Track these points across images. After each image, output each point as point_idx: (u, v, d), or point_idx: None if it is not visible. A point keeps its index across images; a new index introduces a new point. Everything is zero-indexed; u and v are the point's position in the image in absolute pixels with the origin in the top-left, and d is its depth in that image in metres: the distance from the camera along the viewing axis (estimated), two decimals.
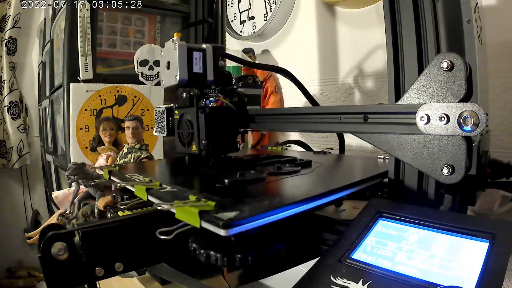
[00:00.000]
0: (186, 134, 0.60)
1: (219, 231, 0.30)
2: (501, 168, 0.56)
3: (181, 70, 0.54)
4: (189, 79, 0.54)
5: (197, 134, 0.58)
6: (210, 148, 0.57)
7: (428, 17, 0.44)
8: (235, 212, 0.32)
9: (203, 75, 0.56)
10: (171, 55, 0.55)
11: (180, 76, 0.53)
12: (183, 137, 0.62)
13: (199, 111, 0.57)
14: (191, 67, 0.55)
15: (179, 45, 0.53)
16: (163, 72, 0.58)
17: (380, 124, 0.44)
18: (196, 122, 0.57)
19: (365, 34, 1.11)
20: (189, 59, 0.54)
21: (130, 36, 1.28)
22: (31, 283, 2.03)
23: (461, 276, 0.27)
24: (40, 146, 2.21)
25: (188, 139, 0.60)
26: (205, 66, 0.56)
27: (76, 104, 1.12)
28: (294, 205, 0.36)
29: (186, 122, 0.60)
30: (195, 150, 0.59)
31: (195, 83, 0.57)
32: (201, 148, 0.57)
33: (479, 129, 0.35)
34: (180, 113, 0.62)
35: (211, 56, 0.57)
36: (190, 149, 0.60)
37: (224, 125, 0.59)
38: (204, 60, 0.56)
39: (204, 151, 0.57)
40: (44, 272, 0.34)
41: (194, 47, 0.55)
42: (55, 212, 1.08)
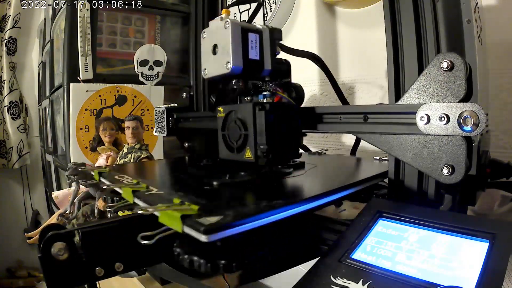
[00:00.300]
0: (237, 136, 0.48)
1: (200, 236, 0.29)
2: (501, 168, 0.56)
3: (235, 55, 0.43)
4: (245, 68, 0.44)
5: (254, 137, 0.46)
6: (272, 154, 0.45)
7: (428, 17, 0.44)
8: (218, 216, 0.31)
9: (260, 63, 0.46)
10: (221, 36, 0.45)
11: (234, 63, 0.43)
12: (231, 140, 0.49)
13: (256, 107, 0.45)
14: (246, 53, 0.44)
15: (231, 24, 0.43)
16: (207, 59, 0.48)
17: (380, 124, 0.44)
18: (252, 121, 0.46)
19: (365, 34, 1.11)
20: (244, 42, 0.44)
21: (130, 36, 1.28)
22: (31, 283, 2.03)
23: (461, 276, 0.27)
24: (40, 146, 2.21)
25: (238, 143, 0.48)
26: (262, 52, 0.46)
27: (76, 104, 1.12)
28: (281, 209, 0.35)
29: (237, 121, 0.48)
30: (249, 157, 0.47)
31: (251, 73, 0.47)
32: (258, 154, 0.45)
33: (479, 129, 0.35)
34: (227, 111, 0.50)
35: (268, 40, 0.46)
36: (242, 155, 0.48)
37: (289, 126, 0.48)
38: (261, 44, 0.46)
39: (262, 158, 0.45)
40: (44, 272, 0.33)
41: (249, 27, 0.45)
42: (55, 212, 1.08)
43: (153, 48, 1.14)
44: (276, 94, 0.51)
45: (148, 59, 1.14)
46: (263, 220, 0.33)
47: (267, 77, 0.50)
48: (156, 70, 1.15)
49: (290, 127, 0.48)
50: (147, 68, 1.14)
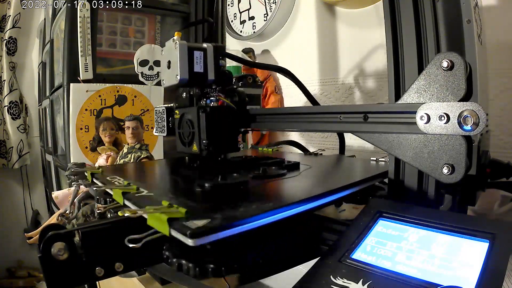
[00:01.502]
0: (187, 133, 0.60)
1: (187, 240, 0.29)
2: (501, 168, 0.56)
3: (182, 69, 0.53)
4: (190, 79, 0.54)
5: (198, 134, 0.57)
6: (211, 147, 0.57)
7: (428, 17, 0.44)
8: (206, 220, 0.31)
9: (204, 75, 0.56)
10: (172, 54, 0.55)
11: (181, 75, 0.53)
12: (183, 136, 0.61)
13: (200, 110, 0.57)
14: (192, 67, 0.55)
15: (179, 44, 0.53)
16: (164, 72, 0.58)
17: (380, 123, 0.44)
18: (197, 121, 0.57)
19: (365, 34, 1.11)
20: (190, 59, 0.54)
21: (130, 36, 1.28)
22: (31, 283, 2.03)
23: (461, 276, 0.27)
24: (40, 146, 2.21)
25: (189, 138, 0.60)
26: (206, 65, 0.56)
27: (76, 104, 1.12)
28: (271, 212, 0.35)
29: (187, 121, 0.60)
30: (195, 150, 0.58)
31: (196, 82, 0.57)
32: (202, 147, 0.57)
33: (479, 129, 0.35)
34: (181, 113, 0.62)
35: (212, 56, 0.57)
36: (191, 148, 0.59)
37: (225, 125, 0.59)
38: (205, 59, 0.56)
39: (205, 151, 0.57)
40: (44, 272, 0.33)
41: (194, 47, 0.55)
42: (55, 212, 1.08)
43: (153, 48, 1.14)
44: (219, 99, 0.61)
45: (148, 59, 1.14)
46: (252, 224, 0.33)
47: (213, 85, 0.61)
48: (156, 70, 1.15)
49: (228, 126, 0.59)
50: (147, 68, 1.14)
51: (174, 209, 0.33)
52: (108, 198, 0.49)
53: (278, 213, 0.35)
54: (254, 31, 1.46)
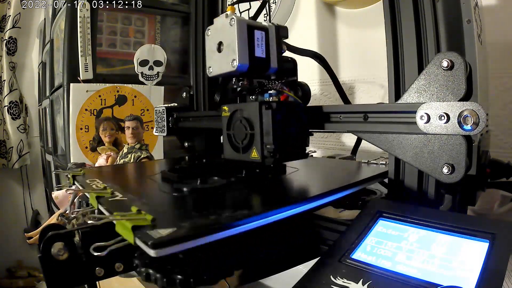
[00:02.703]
0: (242, 136, 0.47)
1: (149, 251, 0.27)
2: (501, 168, 0.56)
3: (241, 53, 0.42)
4: (251, 66, 0.43)
5: (260, 137, 0.45)
6: (278, 154, 0.44)
7: (428, 17, 0.44)
8: (171, 229, 0.29)
9: (266, 61, 0.45)
10: (226, 33, 0.44)
11: (240, 60, 0.42)
12: (236, 140, 0.48)
13: (263, 106, 0.44)
14: (252, 50, 0.43)
15: (237, 20, 0.42)
16: (211, 57, 0.47)
17: (380, 123, 0.44)
18: (259, 120, 0.44)
19: (365, 34, 1.11)
20: (249, 40, 0.43)
21: (130, 36, 1.28)
22: (31, 283, 2.03)
23: (461, 276, 0.27)
24: (40, 146, 2.21)
25: (244, 143, 0.47)
26: (268, 50, 0.45)
27: (76, 104, 1.12)
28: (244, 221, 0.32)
29: (242, 120, 0.47)
30: (255, 157, 0.46)
31: (256, 71, 0.46)
32: (265, 154, 0.44)
33: (479, 128, 0.35)
34: (232, 110, 0.49)
35: (274, 38, 0.46)
36: (248, 155, 0.46)
37: (296, 125, 0.47)
38: (267, 42, 0.45)
39: (269, 158, 0.44)
40: (44, 272, 0.33)
41: (255, 25, 0.44)
42: (55, 212, 1.08)
43: (153, 48, 1.14)
44: (282, 93, 0.50)
45: (148, 59, 1.14)
46: (221, 234, 0.30)
47: (273, 76, 0.49)
48: (156, 70, 1.15)
49: (297, 126, 0.47)
50: (147, 68, 1.14)
51: (142, 216, 0.31)
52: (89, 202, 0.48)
53: (252, 222, 0.33)
54: None
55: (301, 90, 0.52)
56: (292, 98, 0.50)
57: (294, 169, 0.56)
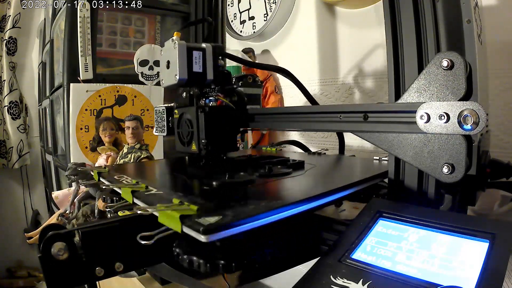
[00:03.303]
0: (186, 133, 0.60)
1: (200, 237, 0.29)
2: (501, 168, 0.56)
3: (181, 69, 0.54)
4: (189, 79, 0.54)
5: (197, 133, 0.57)
6: (210, 147, 0.57)
7: (428, 17, 0.44)
8: (217, 216, 0.31)
9: (202, 74, 0.56)
10: (171, 54, 0.55)
11: (180, 75, 0.54)
12: (183, 136, 0.62)
13: (199, 110, 0.57)
14: (190, 67, 0.55)
15: (178, 45, 0.53)
16: (163, 72, 0.58)
17: (380, 123, 0.44)
18: (196, 121, 0.57)
19: (365, 34, 1.11)
20: (188, 59, 0.54)
21: (130, 36, 1.28)
22: (31, 283, 2.03)
23: (461, 276, 0.27)
24: (40, 146, 2.21)
25: (188, 138, 0.60)
26: (205, 65, 0.56)
27: (76, 104, 1.12)
28: (280, 209, 0.35)
29: (186, 121, 0.60)
30: (194, 150, 0.58)
31: (195, 82, 0.57)
32: (200, 147, 0.57)
33: (479, 128, 0.35)
34: (180, 113, 0.62)
35: (211, 55, 0.57)
36: (190, 148, 0.59)
37: (224, 124, 0.59)
38: (204, 59, 0.56)
39: (203, 150, 0.57)
40: (44, 272, 0.33)
41: (193, 46, 0.55)
42: (55, 212, 1.08)
43: (153, 48, 1.14)
44: (218, 99, 0.61)
45: (148, 59, 1.14)
46: (263, 221, 0.33)
47: (212, 85, 0.60)
48: (156, 70, 1.15)
49: (227, 125, 0.59)
50: (147, 68, 1.14)
51: (185, 207, 0.34)
52: (114, 197, 0.50)
53: (287, 210, 0.36)
54: (254, 31, 1.46)
55: (236, 96, 0.62)
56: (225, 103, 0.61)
57: (312, 165, 0.62)
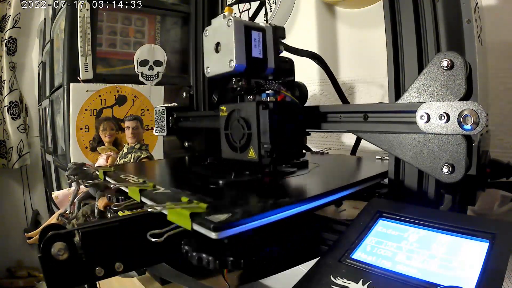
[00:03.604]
0: (240, 136, 0.48)
1: (210, 234, 0.30)
2: (501, 168, 0.56)
3: (238, 53, 0.43)
4: (248, 66, 0.44)
5: (258, 136, 0.45)
6: (275, 153, 0.45)
7: (428, 17, 0.44)
8: (227, 214, 0.32)
9: (263, 61, 0.45)
10: (223, 34, 0.44)
11: (237, 61, 0.43)
12: (233, 140, 0.49)
13: (260, 106, 0.45)
14: (249, 51, 0.44)
15: (235, 22, 0.42)
16: (209, 57, 0.47)
17: (380, 123, 0.44)
18: (256, 120, 0.45)
19: (365, 34, 1.11)
20: (247, 40, 0.43)
21: (130, 36, 1.28)
22: (31, 283, 2.03)
23: (461, 276, 0.27)
24: (40, 146, 2.21)
25: (242, 142, 0.48)
26: (265, 50, 0.45)
27: (76, 104, 1.12)
28: (288, 207, 0.36)
29: (240, 120, 0.48)
30: (253, 157, 0.46)
31: (254, 71, 0.46)
32: (262, 154, 0.45)
33: (479, 128, 0.35)
34: (230, 109, 0.50)
35: (272, 39, 0.46)
36: (246, 155, 0.47)
37: (293, 125, 0.47)
38: (264, 42, 0.45)
39: (266, 158, 0.45)
40: (44, 272, 0.33)
41: (252, 25, 0.44)
42: (55, 212, 1.08)
43: (153, 48, 1.14)
44: (279, 93, 0.50)
45: (148, 59, 1.14)
46: (271, 218, 0.34)
47: (270, 76, 0.50)
48: (156, 70, 1.15)
49: (294, 126, 0.47)
50: (147, 68, 1.14)
51: (195, 205, 0.34)
52: (120, 196, 0.50)
53: (296, 208, 0.36)
54: None
55: (298, 90, 0.53)
56: (290, 98, 0.50)
57: (315, 164, 0.60)
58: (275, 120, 0.44)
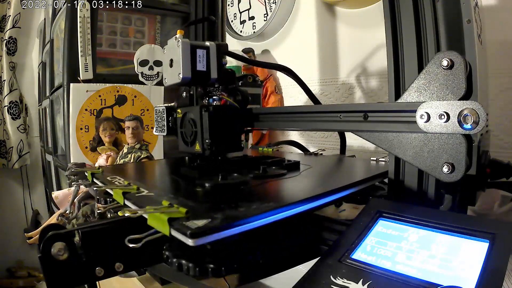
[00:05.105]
0: (189, 133, 0.59)
1: (187, 240, 0.29)
2: (501, 168, 0.56)
3: (185, 68, 0.52)
4: (193, 77, 0.53)
5: (201, 133, 0.56)
6: (214, 147, 0.56)
7: (428, 17, 0.44)
8: (206, 220, 0.31)
9: (206, 73, 0.55)
10: (174, 52, 0.54)
11: (184, 74, 0.52)
12: (186, 136, 0.61)
13: (202, 109, 0.56)
14: (194, 65, 0.53)
15: (182, 43, 0.52)
16: (166, 70, 0.57)
17: (380, 122, 0.44)
18: (199, 121, 0.56)
19: (365, 34, 1.11)
20: (192, 57, 0.53)
21: (130, 36, 1.28)
22: (31, 283, 2.03)
23: (461, 276, 0.27)
24: (40, 146, 2.21)
25: (191, 138, 0.59)
26: (208, 64, 0.55)
27: (76, 104, 1.12)
28: (270, 212, 0.35)
29: (190, 121, 0.59)
30: (198, 150, 0.57)
31: (199, 81, 0.56)
32: (204, 147, 0.56)
33: (479, 127, 0.35)
34: (183, 112, 0.61)
35: (215, 54, 0.55)
36: (193, 148, 0.58)
37: (228, 124, 0.58)
38: (207, 58, 0.55)
39: (207, 150, 0.56)
40: (44, 272, 0.33)
41: (197, 45, 0.54)
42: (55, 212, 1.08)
43: (153, 48, 1.14)
44: (222, 98, 0.61)
45: (148, 59, 1.14)
46: (252, 224, 0.33)
47: (216, 84, 0.60)
48: (156, 70, 1.15)
49: (231, 125, 0.58)
50: (147, 68, 1.14)
51: (175, 209, 0.33)
52: (108, 198, 0.49)
53: (279, 213, 0.35)
54: (254, 31, 1.46)
55: (240, 95, 0.62)
56: (230, 103, 0.60)
57: (307, 166, 0.61)
58: (213, 121, 0.55)
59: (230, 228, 0.31)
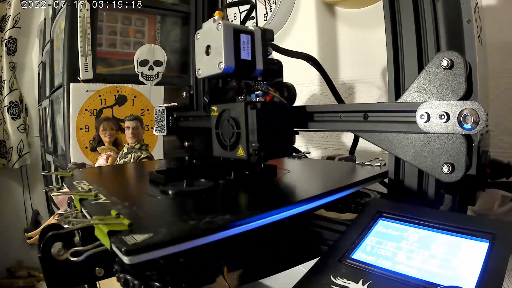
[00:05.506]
0: (229, 135, 0.49)
1: (123, 257, 0.26)
2: (501, 168, 0.56)
3: (227, 56, 0.44)
4: (236, 68, 0.45)
5: (246, 135, 0.47)
6: (263, 152, 0.46)
7: (428, 17, 0.44)
8: (148, 234, 0.27)
9: (251, 63, 0.47)
10: (213, 37, 0.45)
11: (226, 63, 0.44)
12: (224, 139, 0.50)
13: (248, 106, 0.46)
14: (238, 53, 0.45)
15: (224, 25, 0.44)
16: (201, 60, 0.49)
17: (380, 122, 0.44)
18: (244, 120, 0.47)
19: (365, 34, 1.11)
20: (235, 43, 0.45)
21: (130, 36, 1.28)
22: (31, 283, 2.03)
23: (461, 276, 0.27)
24: (40, 146, 2.21)
25: (231, 141, 0.49)
26: (254, 52, 0.47)
27: (76, 104, 1.12)
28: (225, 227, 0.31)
29: (229, 120, 0.49)
30: (241, 155, 0.48)
31: (242, 73, 0.48)
32: (250, 152, 0.47)
33: (479, 127, 0.35)
34: (220, 110, 0.51)
35: (260, 41, 0.47)
36: (235, 153, 0.49)
37: (279, 124, 0.49)
38: (252, 45, 0.46)
39: (254, 156, 0.46)
40: (44, 272, 0.33)
41: (241, 29, 0.46)
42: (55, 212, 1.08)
43: (153, 48, 1.14)
44: (268, 94, 0.52)
45: (148, 59, 1.14)
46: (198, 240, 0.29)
47: (259, 77, 0.51)
48: (156, 70, 1.15)
49: (281, 126, 0.49)
50: (147, 68, 1.14)
51: (120, 221, 0.30)
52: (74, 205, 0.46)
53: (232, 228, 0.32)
54: None
55: (287, 91, 0.54)
56: (278, 99, 0.52)
57: (286, 170, 0.56)
58: (262, 120, 0.46)
59: (170, 245, 0.27)
